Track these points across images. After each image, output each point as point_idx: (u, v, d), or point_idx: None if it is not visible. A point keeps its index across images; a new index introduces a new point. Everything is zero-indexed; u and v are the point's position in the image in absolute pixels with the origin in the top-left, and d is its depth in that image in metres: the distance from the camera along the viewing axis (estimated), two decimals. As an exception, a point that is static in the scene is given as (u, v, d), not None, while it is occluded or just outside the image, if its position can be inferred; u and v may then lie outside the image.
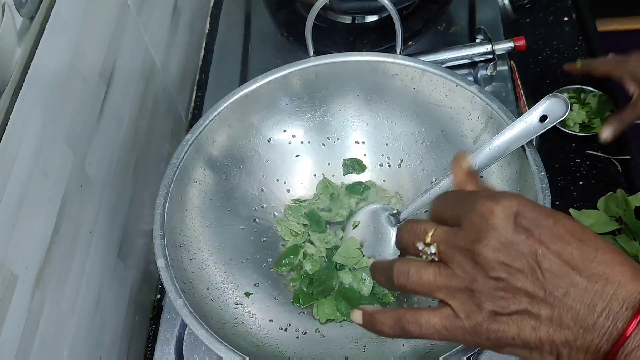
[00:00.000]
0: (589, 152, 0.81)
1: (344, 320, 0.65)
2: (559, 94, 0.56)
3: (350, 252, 0.68)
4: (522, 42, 0.82)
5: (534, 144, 0.61)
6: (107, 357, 0.63)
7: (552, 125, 0.56)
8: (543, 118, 0.56)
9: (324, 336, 0.64)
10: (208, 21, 1.04)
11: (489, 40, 0.84)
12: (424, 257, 0.40)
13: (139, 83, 0.75)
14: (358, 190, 0.74)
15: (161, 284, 0.74)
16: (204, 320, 0.56)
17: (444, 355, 0.52)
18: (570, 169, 0.80)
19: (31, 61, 0.51)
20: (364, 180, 0.75)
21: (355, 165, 0.76)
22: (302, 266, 0.69)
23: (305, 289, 0.67)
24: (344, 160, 0.76)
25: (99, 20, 0.64)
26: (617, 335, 0.35)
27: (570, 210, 0.75)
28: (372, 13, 0.91)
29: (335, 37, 0.92)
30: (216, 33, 0.99)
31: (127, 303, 0.69)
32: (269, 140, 0.74)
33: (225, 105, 0.70)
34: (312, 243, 0.71)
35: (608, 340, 0.35)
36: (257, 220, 0.72)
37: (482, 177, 0.67)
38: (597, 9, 0.98)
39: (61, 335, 0.55)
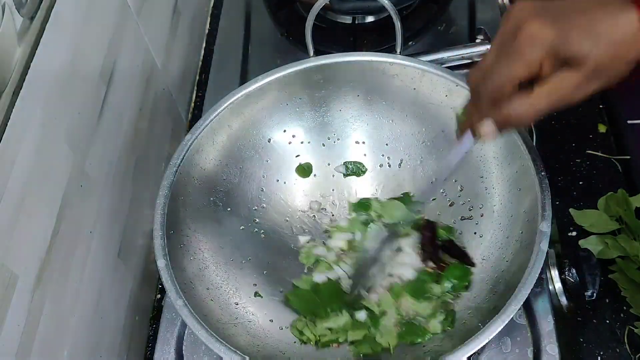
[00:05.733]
0: (589, 152, 0.81)
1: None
2: None
3: None
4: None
5: (534, 143, 0.61)
6: (107, 357, 0.63)
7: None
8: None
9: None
10: (208, 21, 1.04)
11: (488, 40, 0.84)
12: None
13: (139, 83, 0.75)
14: (364, 206, 0.74)
15: (161, 284, 0.74)
16: (204, 320, 0.56)
17: (444, 355, 0.53)
18: (570, 169, 0.80)
19: (31, 61, 0.51)
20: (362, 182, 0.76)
21: (355, 168, 0.76)
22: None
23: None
24: (345, 162, 0.76)
25: (99, 20, 0.64)
26: None
27: (571, 210, 0.76)
28: (372, 13, 0.91)
29: (335, 37, 0.92)
30: (216, 33, 0.99)
31: (127, 303, 0.69)
32: (269, 141, 0.74)
33: (225, 105, 0.70)
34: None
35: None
36: (257, 220, 0.72)
37: (482, 177, 0.68)
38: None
39: (61, 335, 0.55)
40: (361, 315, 0.64)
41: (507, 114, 0.47)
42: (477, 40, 0.86)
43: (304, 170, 0.76)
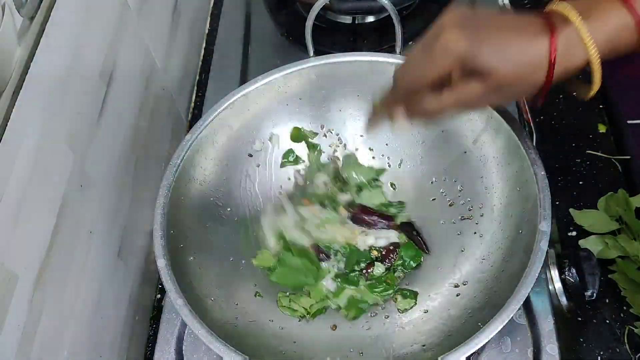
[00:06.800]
0: (589, 152, 0.82)
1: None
2: None
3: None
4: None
5: (534, 143, 0.61)
6: (107, 357, 0.63)
7: None
8: None
9: (324, 337, 0.64)
10: (208, 21, 1.04)
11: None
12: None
13: (139, 83, 0.75)
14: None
15: (161, 284, 0.74)
16: (204, 320, 0.56)
17: (443, 355, 0.53)
18: (570, 169, 0.80)
19: (31, 61, 0.51)
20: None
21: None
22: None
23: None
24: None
25: (99, 20, 0.64)
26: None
27: (571, 210, 0.76)
28: (372, 13, 0.91)
29: (335, 37, 0.92)
30: (216, 33, 0.99)
31: (127, 303, 0.69)
32: (269, 140, 0.74)
33: (225, 105, 0.70)
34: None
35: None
36: (257, 220, 0.72)
37: (482, 177, 0.68)
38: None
39: (61, 335, 0.55)
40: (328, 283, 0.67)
41: (417, 108, 0.52)
42: (477, 40, 0.86)
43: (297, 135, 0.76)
